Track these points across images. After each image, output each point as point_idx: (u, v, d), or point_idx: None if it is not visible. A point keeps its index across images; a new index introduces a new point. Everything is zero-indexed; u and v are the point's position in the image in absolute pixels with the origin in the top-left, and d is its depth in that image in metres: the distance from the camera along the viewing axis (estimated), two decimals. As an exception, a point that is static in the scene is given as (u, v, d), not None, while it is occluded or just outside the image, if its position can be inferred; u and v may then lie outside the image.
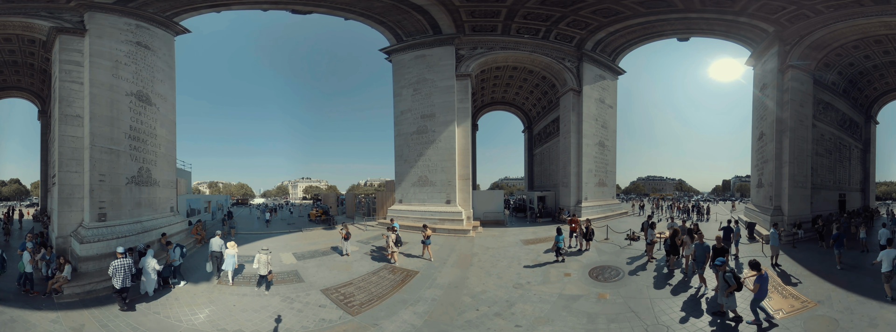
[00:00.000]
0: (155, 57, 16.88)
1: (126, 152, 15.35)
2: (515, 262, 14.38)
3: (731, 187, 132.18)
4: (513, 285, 11.91)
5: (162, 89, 17.18)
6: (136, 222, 15.32)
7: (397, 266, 14.18)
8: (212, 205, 35.09)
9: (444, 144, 22.25)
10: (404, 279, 13.02)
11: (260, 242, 19.57)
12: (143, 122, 16.26)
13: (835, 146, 23.95)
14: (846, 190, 25.96)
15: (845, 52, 20.83)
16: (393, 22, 21.56)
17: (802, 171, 18.71)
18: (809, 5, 16.98)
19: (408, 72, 23.11)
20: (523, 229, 22.07)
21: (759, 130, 21.23)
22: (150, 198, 16.64)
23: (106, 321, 9.37)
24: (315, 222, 31.47)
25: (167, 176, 17.93)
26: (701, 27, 21.76)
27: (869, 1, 16.47)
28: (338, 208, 38.83)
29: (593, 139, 25.22)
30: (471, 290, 11.71)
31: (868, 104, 28.00)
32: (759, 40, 20.52)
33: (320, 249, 17.43)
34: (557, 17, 21.10)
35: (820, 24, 17.94)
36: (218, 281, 12.57)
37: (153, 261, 11.32)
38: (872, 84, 25.81)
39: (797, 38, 18.68)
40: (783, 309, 8.50)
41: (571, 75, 24.08)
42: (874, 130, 29.84)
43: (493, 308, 10.20)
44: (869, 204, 29.70)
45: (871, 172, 30.22)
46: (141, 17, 16.44)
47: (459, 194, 22.05)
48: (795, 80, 18.38)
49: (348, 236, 16.31)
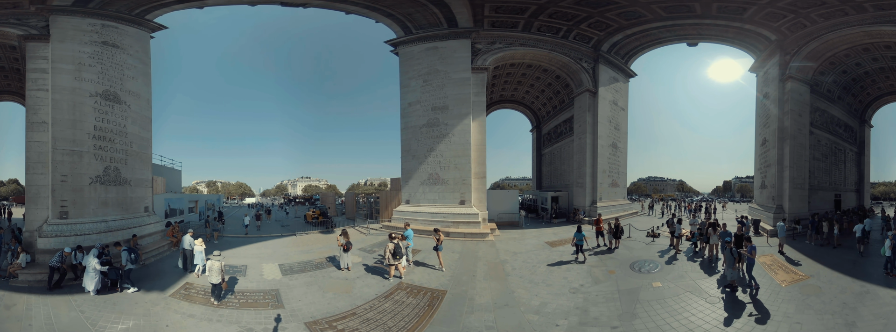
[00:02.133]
0: (125, 55, 19.11)
1: (90, 153, 17.66)
2: (552, 266, 15.52)
3: (732, 187, 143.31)
4: (569, 290, 12.73)
5: (133, 86, 19.36)
6: (101, 222, 17.54)
7: (415, 284, 13.26)
8: (199, 205, 35.98)
9: (458, 139, 23.67)
10: (431, 302, 11.58)
11: (245, 248, 20.48)
12: (110, 121, 18.47)
13: (831, 150, 29.01)
14: (842, 191, 31.20)
15: (838, 61, 25.61)
16: (403, 14, 23.58)
17: (801, 174, 23.35)
18: (805, 13, 21.15)
19: (417, 63, 24.75)
20: (541, 230, 24.53)
21: (762, 137, 25.92)
22: (118, 197, 18.68)
23: (34, 305, 11.52)
24: (312, 224, 32.26)
25: (140, 175, 19.89)
26: (712, 33, 25.91)
27: (852, 10, 20.63)
28: (336, 208, 40.48)
29: (607, 140, 29.26)
30: (528, 305, 11.51)
31: (862, 109, 33.46)
32: (762, 48, 24.97)
33: (314, 259, 16.99)
34: (583, 17, 24.09)
35: (814, 34, 22.24)
36: (190, 281, 13.80)
37: (94, 261, 12.96)
38: (865, 89, 31.11)
39: (795, 48, 23.16)
40: (786, 280, 12.51)
41: (588, 76, 27.91)
42: (868, 133, 35.45)
43: (572, 319, 10.50)
44: (863, 203, 35.32)
45: (866, 173, 35.94)
46: (105, 17, 18.60)
47: (475, 194, 23.48)
48: (795, 91, 22.97)
49: (349, 247, 15.41)
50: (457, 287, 13.16)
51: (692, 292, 12.05)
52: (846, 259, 15.09)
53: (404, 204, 25.23)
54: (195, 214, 34.14)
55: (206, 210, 38.72)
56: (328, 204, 39.80)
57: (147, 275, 14.97)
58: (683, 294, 11.79)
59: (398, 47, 25.43)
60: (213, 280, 12.30)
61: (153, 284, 13.88)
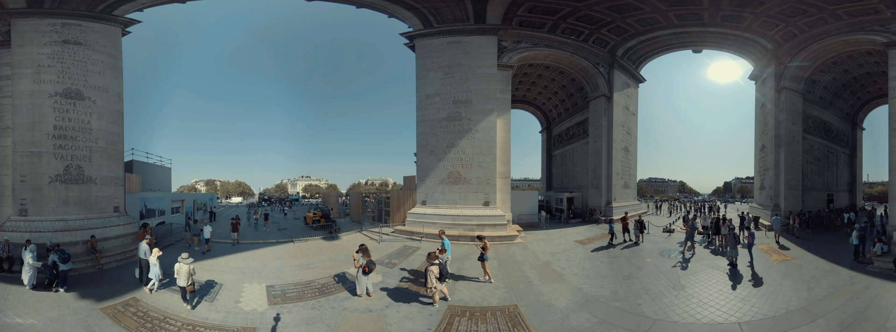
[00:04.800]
0: (89, 51, 22.39)
1: (49, 153, 21.21)
2: (596, 261, 19.71)
3: (733, 188, 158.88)
4: (623, 278, 16.92)
5: (100, 81, 22.59)
6: (60, 220, 20.95)
7: (471, 306, 13.07)
8: (185, 205, 37.76)
9: (483, 136, 26.57)
10: (513, 321, 11.91)
11: (226, 258, 20.96)
12: (72, 118, 21.73)
13: (823, 154, 36.90)
14: (834, 190, 39.33)
15: (827, 69, 33.05)
16: (428, 8, 26.87)
17: (795, 176, 30.79)
18: (793, 22, 27.38)
19: (437, 55, 27.66)
20: (563, 230, 29.73)
21: (761, 143, 33.48)
22: (81, 196, 21.84)
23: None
24: (312, 228, 33.47)
25: (107, 172, 22.81)
26: (715, 41, 32.81)
27: (830, 18, 25.93)
28: (339, 209, 42.90)
29: (620, 144, 36.00)
30: (603, 296, 14.63)
31: (853, 113, 41.82)
32: (760, 56, 32.17)
33: (316, 279, 16.05)
34: (606, 21, 29.64)
35: (802, 44, 28.87)
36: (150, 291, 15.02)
37: (28, 255, 16.05)
38: (855, 94, 39.26)
39: (788, 58, 30.21)
40: (777, 260, 19.28)
41: (603, 81, 34.38)
42: (860, 135, 44.07)
43: (645, 297, 14.38)
44: (855, 202, 43.84)
45: (859, 174, 44.56)
46: (65, 16, 22.04)
47: (500, 195, 26.86)
48: (788, 101, 30.31)
49: (371, 268, 14.29)
50: (524, 298, 14.09)
51: (712, 268, 18.54)
52: (827, 247, 22.12)
53: (420, 205, 27.53)
54: (182, 215, 35.62)
55: (197, 210, 40.93)
56: (331, 205, 42.16)
57: (97, 280, 16.29)
58: (706, 270, 18.20)
59: (415, 40, 28.44)
60: (180, 283, 13.43)
61: (94, 291, 14.89)
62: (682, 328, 12.05)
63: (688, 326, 12.18)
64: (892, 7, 23.53)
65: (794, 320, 12.39)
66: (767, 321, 12.39)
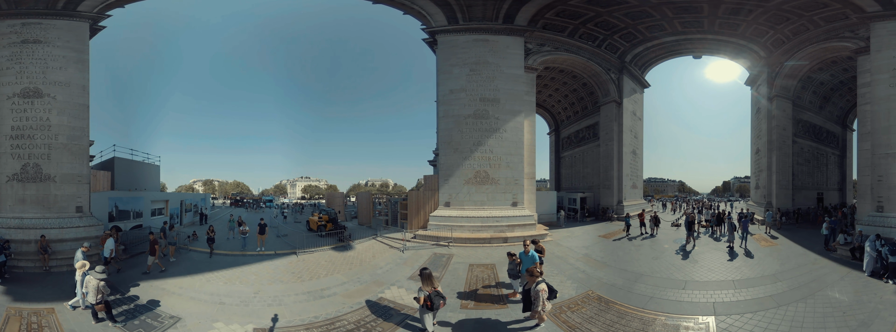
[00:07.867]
0: (49, 47, 25.73)
1: (7, 153, 24.98)
2: (625, 250, 28.11)
3: (732, 187, 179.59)
4: (652, 258, 25.50)
5: (61, 76, 25.85)
6: (16, 218, 24.40)
7: (568, 319, 15.37)
8: (170, 206, 39.65)
9: (511, 136, 30.87)
10: (603, 302, 16.94)
11: (203, 276, 19.63)
12: (30, 117, 25.15)
13: (813, 156, 48.11)
14: (824, 190, 50.67)
15: (814, 75, 43.15)
16: (460, 5, 30.84)
17: (786, 177, 41.65)
18: (780, 29, 35.53)
19: (462, 51, 31.61)
20: (582, 227, 38.72)
21: (756, 147, 44.44)
22: (38, 195, 25.07)
23: None
24: (317, 234, 34.27)
25: (68, 169, 25.63)
26: (713, 47, 42.56)
27: (809, 25, 32.63)
28: (346, 212, 46.89)
29: (629, 148, 45.99)
30: (640, 271, 22.29)
31: (843, 115, 53.19)
32: (754, 63, 42.25)
33: (342, 315, 13.79)
34: (620, 27, 38.05)
35: (790, 52, 37.98)
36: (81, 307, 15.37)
37: None
38: (844, 97, 50.25)
39: (778, 67, 40.10)
40: (765, 245, 29.56)
41: (614, 87, 44.03)
42: (850, 137, 55.61)
43: (673, 269, 22.75)
44: (845, 201, 55.48)
45: (848, 173, 56.27)
46: (23, 16, 25.58)
47: (527, 195, 32.32)
48: (779, 107, 41.04)
49: (435, 303, 13.10)
50: (591, 283, 20.13)
51: (715, 250, 28.57)
52: (807, 238, 32.45)
53: (443, 207, 30.70)
54: (167, 217, 37.72)
55: (185, 213, 42.95)
56: (336, 207, 46.34)
57: (34, 281, 17.93)
58: (711, 251, 28.06)
59: (438, 35, 32.28)
60: (90, 300, 13.86)
61: (20, 290, 16.36)
62: (701, 284, 21.49)
63: (704, 283, 21.71)
64: (857, 12, 28.55)
65: (765, 280, 21.78)
66: (750, 280, 22.02)
